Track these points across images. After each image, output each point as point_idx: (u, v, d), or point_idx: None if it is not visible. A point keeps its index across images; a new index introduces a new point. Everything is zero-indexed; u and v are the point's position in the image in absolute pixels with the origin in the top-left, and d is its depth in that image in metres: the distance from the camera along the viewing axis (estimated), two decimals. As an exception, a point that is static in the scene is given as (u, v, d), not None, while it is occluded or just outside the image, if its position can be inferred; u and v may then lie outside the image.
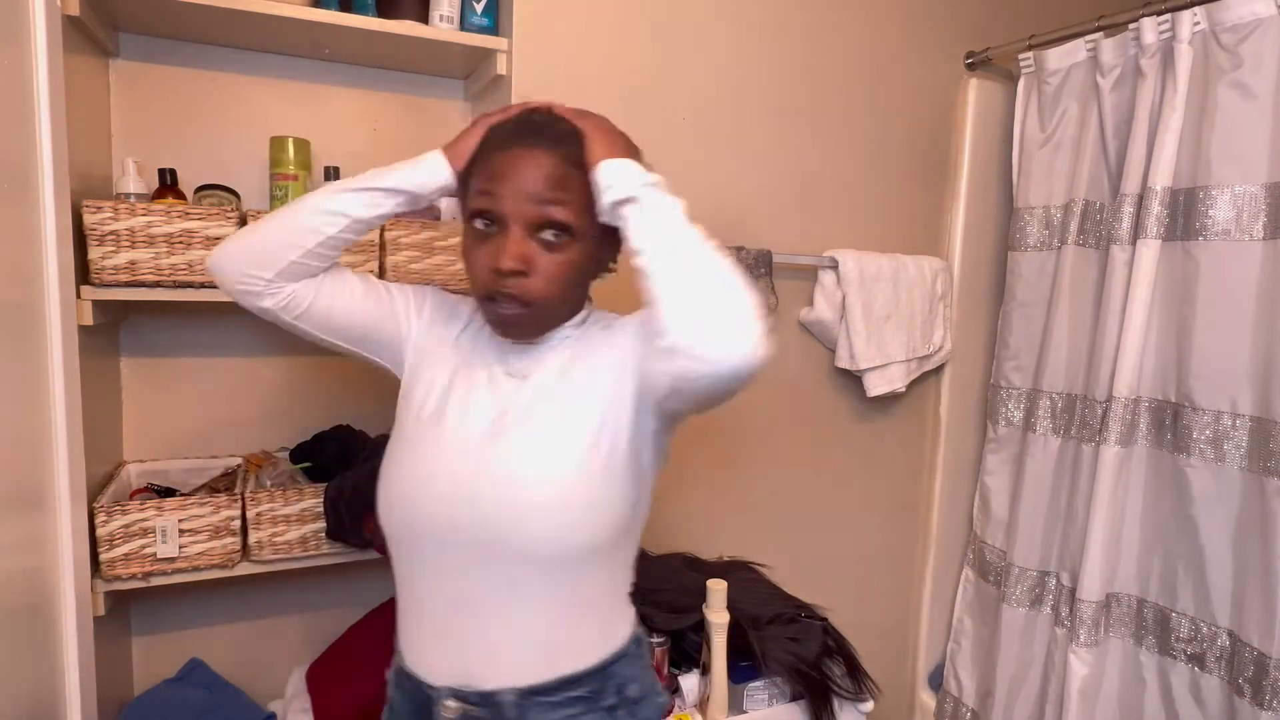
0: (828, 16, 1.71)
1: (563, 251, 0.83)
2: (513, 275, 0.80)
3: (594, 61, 1.48)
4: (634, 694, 0.89)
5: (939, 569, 2.02)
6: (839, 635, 1.53)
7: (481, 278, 0.83)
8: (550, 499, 0.81)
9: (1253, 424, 1.39)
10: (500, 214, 0.81)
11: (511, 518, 0.81)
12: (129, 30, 1.35)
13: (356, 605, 1.59)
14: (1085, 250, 1.66)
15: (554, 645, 0.85)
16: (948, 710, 1.96)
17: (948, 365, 1.94)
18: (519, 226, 0.81)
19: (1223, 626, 1.45)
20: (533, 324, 0.86)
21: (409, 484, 0.86)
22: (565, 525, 0.81)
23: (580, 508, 0.82)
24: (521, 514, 0.81)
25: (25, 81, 0.96)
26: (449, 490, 0.83)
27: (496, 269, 0.80)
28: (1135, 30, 1.53)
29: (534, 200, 0.80)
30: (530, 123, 0.84)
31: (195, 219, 1.19)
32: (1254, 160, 1.38)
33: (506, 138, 0.84)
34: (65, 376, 1.04)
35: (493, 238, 0.82)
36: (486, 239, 0.82)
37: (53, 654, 1.06)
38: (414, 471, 0.86)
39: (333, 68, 1.49)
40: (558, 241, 0.82)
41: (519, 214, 0.81)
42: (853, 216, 1.81)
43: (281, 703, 1.47)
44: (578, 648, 0.86)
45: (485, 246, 0.82)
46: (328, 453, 1.40)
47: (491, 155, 0.83)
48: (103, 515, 1.18)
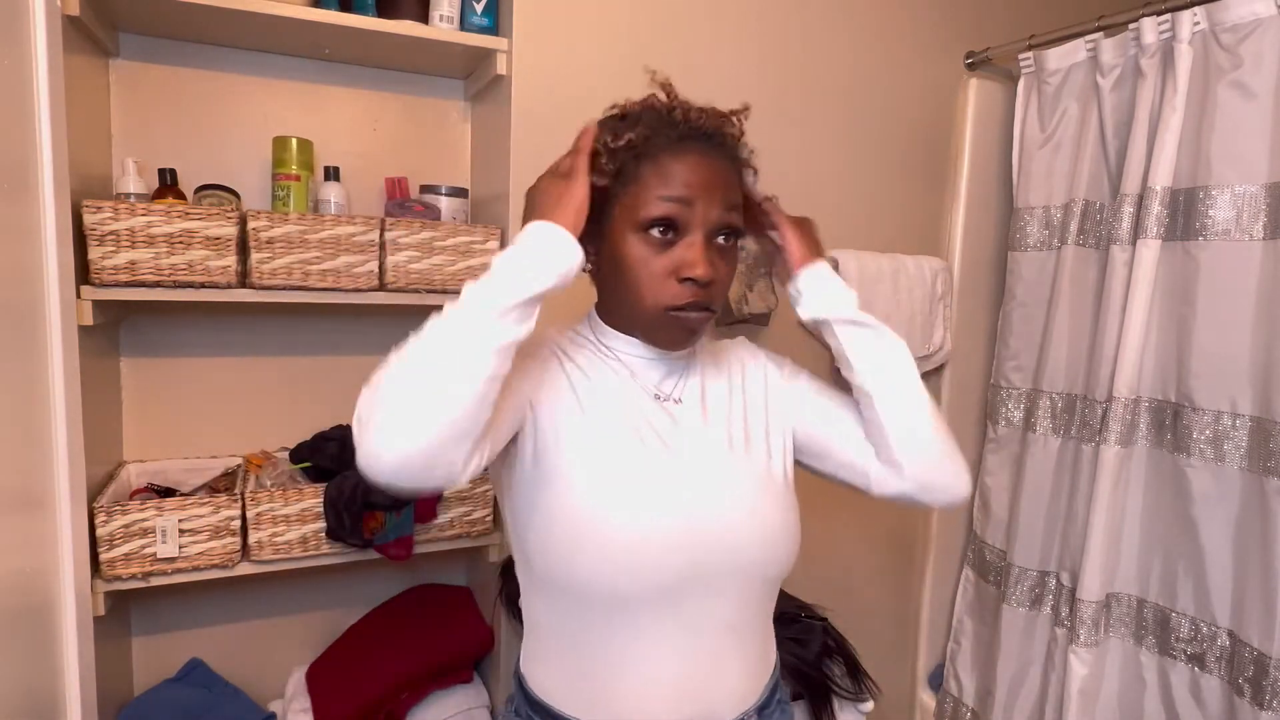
0: (828, 17, 1.70)
1: (732, 255, 0.83)
2: (707, 284, 0.78)
3: (594, 62, 1.48)
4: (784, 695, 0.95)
5: (939, 569, 2.02)
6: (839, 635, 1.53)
7: (667, 289, 0.78)
8: (781, 520, 0.84)
9: (1253, 424, 1.39)
10: (686, 221, 0.78)
11: (754, 544, 0.81)
12: (129, 30, 1.35)
13: (356, 605, 1.59)
14: (1085, 250, 1.66)
15: (765, 658, 0.89)
16: (948, 710, 1.96)
17: (948, 365, 1.94)
18: (702, 233, 0.78)
19: (1223, 626, 1.45)
20: (698, 334, 0.83)
21: (630, 535, 0.76)
22: (789, 543, 0.84)
23: (792, 526, 0.85)
24: (762, 539, 0.82)
25: (25, 81, 0.96)
26: (684, 532, 0.78)
27: (693, 278, 0.77)
28: (1135, 30, 1.53)
29: (722, 206, 0.79)
30: (696, 126, 0.81)
31: (195, 219, 1.19)
32: (1254, 160, 1.38)
33: (674, 142, 0.79)
34: (65, 376, 1.04)
35: (673, 246, 0.78)
36: (666, 247, 0.78)
37: (53, 654, 1.06)
38: (633, 524, 0.77)
39: (333, 68, 1.49)
40: (728, 245, 0.82)
41: (707, 220, 0.78)
42: (853, 216, 1.81)
43: (281, 703, 1.48)
44: (768, 663, 0.90)
45: (664, 255, 0.78)
46: (328, 453, 1.40)
47: (662, 161, 0.78)
48: (103, 515, 1.18)
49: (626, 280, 0.79)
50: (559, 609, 0.81)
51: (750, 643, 0.85)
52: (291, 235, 1.25)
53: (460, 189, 1.51)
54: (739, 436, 0.86)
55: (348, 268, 1.30)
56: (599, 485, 0.78)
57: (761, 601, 0.86)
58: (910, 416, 0.85)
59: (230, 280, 1.23)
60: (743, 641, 0.84)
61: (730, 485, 0.83)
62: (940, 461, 0.86)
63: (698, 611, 0.79)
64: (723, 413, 0.87)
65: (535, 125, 1.41)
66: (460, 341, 0.66)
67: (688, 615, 0.78)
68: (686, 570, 0.77)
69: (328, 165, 1.43)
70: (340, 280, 1.30)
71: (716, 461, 0.83)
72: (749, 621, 0.84)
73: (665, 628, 0.78)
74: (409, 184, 1.52)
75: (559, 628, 0.82)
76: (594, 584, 0.76)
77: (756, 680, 0.86)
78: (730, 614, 0.81)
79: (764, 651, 0.89)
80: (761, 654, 0.88)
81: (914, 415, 0.85)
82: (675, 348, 0.85)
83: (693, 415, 0.85)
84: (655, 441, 0.81)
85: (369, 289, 1.31)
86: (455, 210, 1.49)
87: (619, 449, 0.80)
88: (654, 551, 0.76)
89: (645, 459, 0.80)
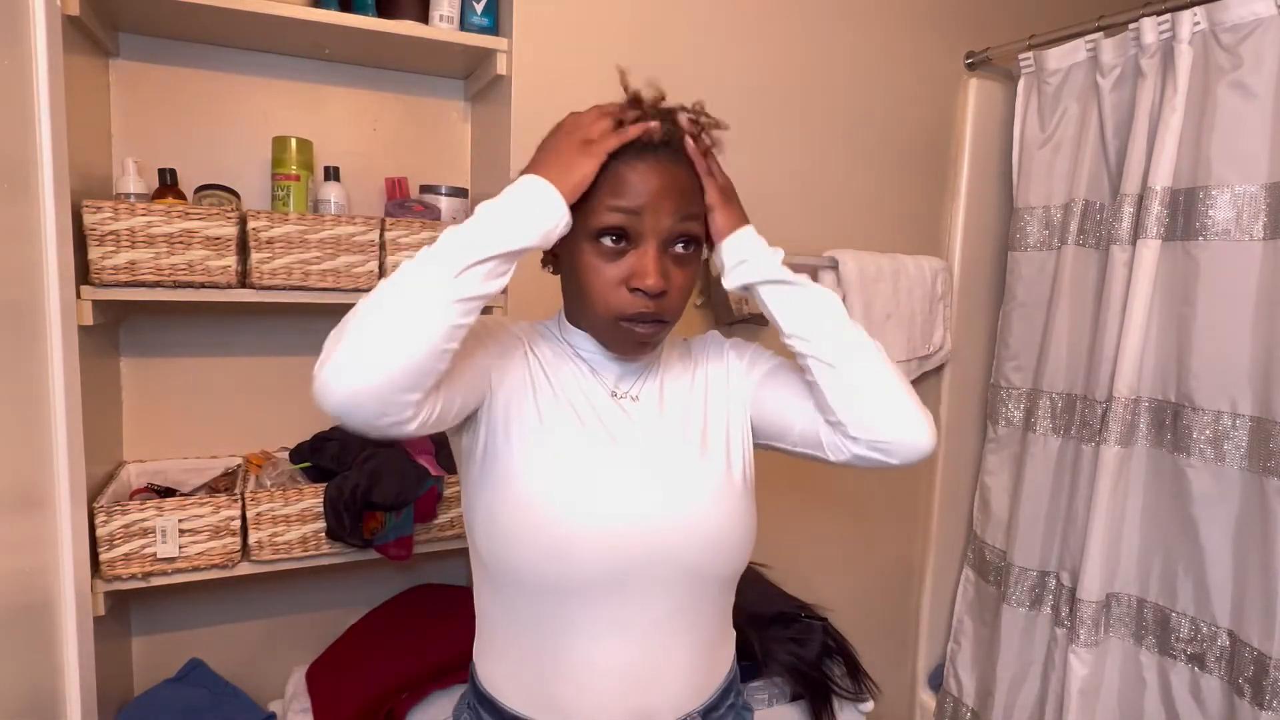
0: (828, 17, 1.70)
1: (691, 264, 0.80)
2: (658, 295, 0.77)
3: (594, 62, 1.48)
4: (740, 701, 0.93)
5: (939, 569, 2.02)
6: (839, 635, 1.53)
7: (618, 299, 0.77)
8: (727, 520, 0.82)
9: (1253, 424, 1.39)
10: (637, 231, 0.76)
11: (697, 542, 0.79)
12: (129, 30, 1.35)
13: (356, 605, 1.59)
14: (1085, 250, 1.66)
15: (709, 663, 0.86)
16: (948, 710, 1.96)
17: (948, 365, 1.94)
18: (656, 242, 0.77)
19: (1223, 626, 1.45)
20: (652, 345, 0.83)
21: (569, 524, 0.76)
22: (739, 545, 0.83)
23: (744, 528, 0.84)
24: (707, 538, 0.80)
25: (25, 81, 0.96)
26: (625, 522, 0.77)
27: (643, 289, 0.76)
28: (1135, 30, 1.53)
29: (675, 216, 0.77)
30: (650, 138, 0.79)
31: (195, 219, 1.19)
32: (1254, 160, 1.38)
33: (629, 151, 0.77)
34: (65, 376, 1.04)
35: (624, 255, 0.77)
36: (617, 256, 0.77)
37: (53, 654, 1.06)
38: (570, 512, 0.77)
39: (333, 68, 1.49)
40: (687, 254, 0.79)
41: (658, 230, 0.76)
42: (853, 216, 1.81)
43: (281, 703, 1.47)
44: (721, 663, 0.88)
45: (616, 265, 0.77)
46: (328, 453, 1.40)
47: (619, 169, 0.76)
48: (103, 515, 1.18)
49: (581, 286, 0.79)
50: (504, 600, 0.81)
51: (700, 642, 0.83)
52: (291, 235, 1.25)
53: (460, 189, 1.51)
54: (694, 436, 0.84)
55: (348, 268, 1.30)
56: (542, 475, 0.78)
57: (710, 601, 0.84)
58: (847, 372, 0.80)
59: (230, 280, 1.23)
60: (691, 640, 0.82)
61: (676, 483, 0.81)
62: (888, 415, 0.79)
63: (639, 607, 0.78)
64: (680, 412, 0.86)
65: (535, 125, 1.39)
66: (426, 287, 0.67)
67: (629, 610, 0.78)
68: (624, 564, 0.77)
69: (327, 165, 1.43)
70: (340, 280, 1.30)
71: (665, 459, 0.82)
72: (697, 621, 0.82)
73: (604, 621, 0.77)
74: (409, 184, 1.52)
75: (504, 619, 0.82)
76: (533, 574, 0.76)
77: (705, 679, 0.85)
78: (672, 611, 0.80)
79: (716, 652, 0.87)
80: (713, 654, 0.86)
81: (851, 370, 0.80)
82: (627, 356, 0.84)
83: (648, 413, 0.85)
84: (604, 436, 0.81)
85: (369, 289, 1.30)
86: (455, 210, 1.49)
87: (565, 441, 0.80)
88: (589, 544, 0.76)
89: (590, 452, 0.80)
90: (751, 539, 0.85)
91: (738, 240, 0.83)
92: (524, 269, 0.75)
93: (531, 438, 0.79)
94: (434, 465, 1.41)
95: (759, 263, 0.83)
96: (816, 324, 0.81)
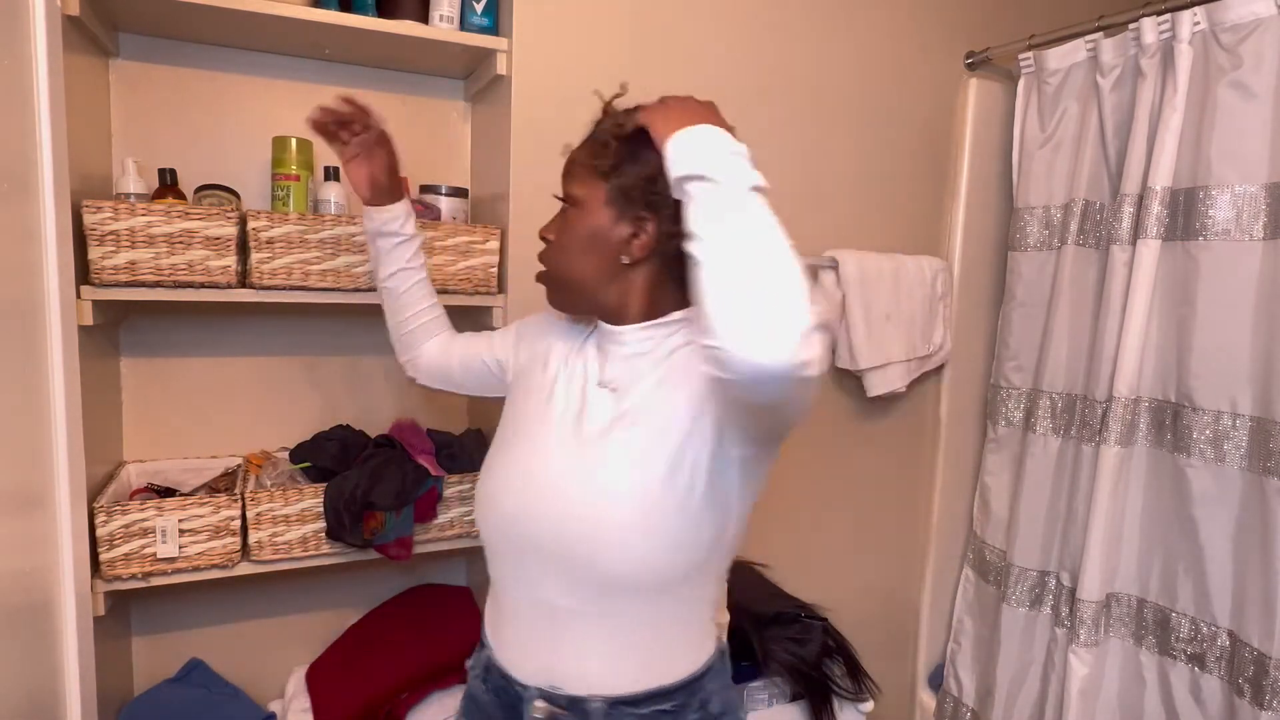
0: (828, 17, 1.70)
1: (565, 218, 0.89)
2: (546, 243, 0.91)
3: (594, 62, 1.48)
4: (715, 709, 0.89)
5: (939, 569, 2.02)
6: (839, 635, 1.53)
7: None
8: (630, 528, 0.79)
9: (1253, 424, 1.39)
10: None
11: (568, 542, 0.81)
12: (129, 30, 1.35)
13: (356, 605, 1.59)
14: (1085, 250, 1.66)
15: (644, 659, 0.85)
16: (948, 710, 1.96)
17: (948, 365, 1.94)
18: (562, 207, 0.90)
19: (1223, 626, 1.45)
20: (556, 294, 0.92)
21: (495, 484, 0.90)
22: (637, 556, 0.79)
23: (651, 539, 0.79)
24: (596, 539, 0.79)
25: (25, 81, 0.96)
26: (527, 498, 0.85)
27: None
28: (1135, 30, 1.53)
29: (565, 180, 0.89)
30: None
31: (195, 219, 1.19)
32: (1254, 160, 1.38)
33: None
34: (65, 376, 1.04)
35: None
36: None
37: (53, 654, 1.06)
38: (502, 473, 0.90)
39: (333, 68, 1.49)
40: (564, 210, 0.89)
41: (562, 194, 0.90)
42: (853, 216, 1.80)
43: (281, 703, 1.47)
44: (666, 662, 0.86)
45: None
46: (328, 453, 1.40)
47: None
48: (103, 515, 1.18)
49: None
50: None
51: (622, 643, 0.83)
52: (291, 235, 1.25)
53: (460, 189, 1.51)
54: (638, 437, 0.81)
55: (348, 268, 1.30)
56: (493, 449, 0.93)
57: (630, 605, 0.82)
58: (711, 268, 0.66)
59: (230, 280, 1.23)
60: (605, 635, 0.83)
61: (587, 478, 0.82)
62: (722, 313, 0.64)
63: (539, 585, 0.84)
64: (640, 412, 0.83)
65: (535, 125, 1.41)
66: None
67: (530, 585, 0.85)
68: (519, 543, 0.85)
69: (327, 165, 1.43)
70: (340, 280, 1.30)
71: (561, 454, 0.85)
72: (615, 621, 0.82)
73: (517, 588, 0.87)
74: (409, 184, 1.51)
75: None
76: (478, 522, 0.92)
77: (626, 679, 0.84)
78: (569, 599, 0.82)
79: (646, 657, 0.85)
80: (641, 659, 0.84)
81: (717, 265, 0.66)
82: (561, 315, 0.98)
83: (608, 408, 0.86)
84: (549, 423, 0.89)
85: (369, 289, 1.31)
86: (455, 210, 1.49)
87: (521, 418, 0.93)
88: (482, 519, 0.90)
89: (521, 435, 0.90)
90: (657, 550, 0.79)
91: (673, 143, 0.74)
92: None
93: (510, 415, 0.96)
94: (434, 465, 1.41)
95: (683, 161, 0.72)
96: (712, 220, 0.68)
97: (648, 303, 0.87)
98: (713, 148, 0.72)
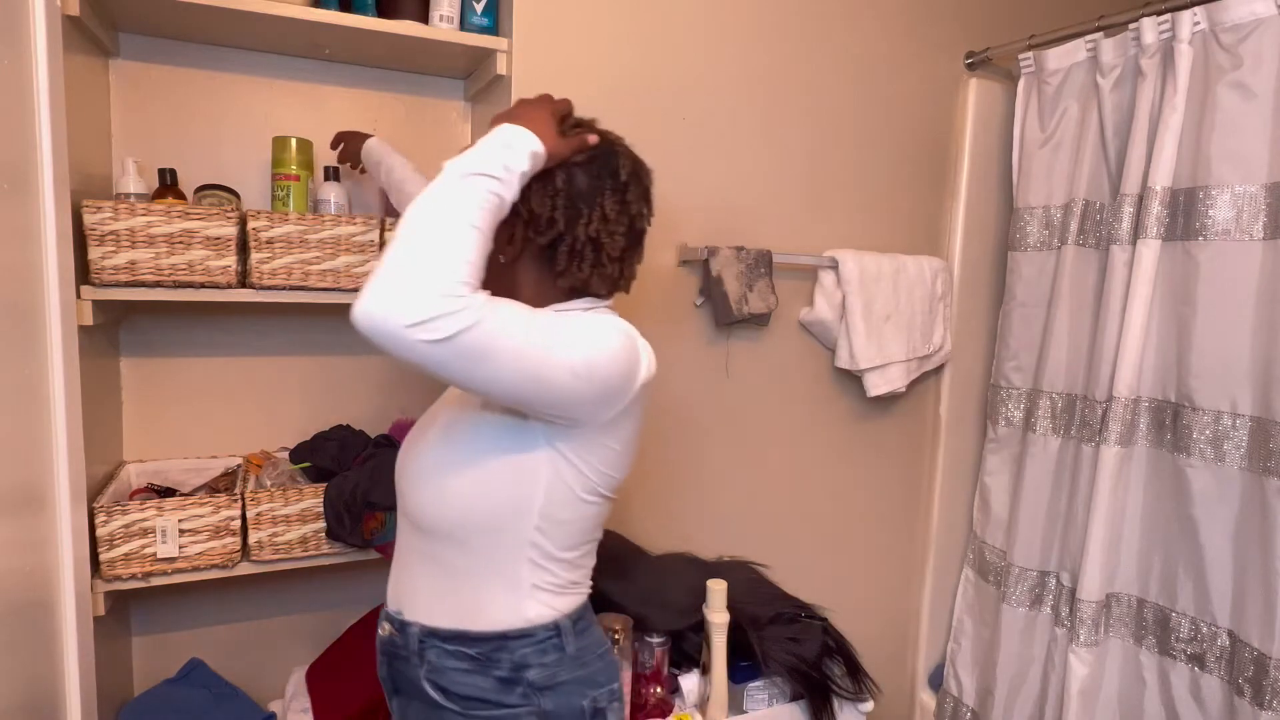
0: (828, 17, 1.71)
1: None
2: None
3: (594, 62, 1.48)
4: (536, 679, 0.93)
5: (939, 569, 2.02)
6: (839, 635, 1.53)
7: None
8: (429, 472, 0.92)
9: (1253, 424, 1.39)
10: None
11: (406, 482, 0.96)
12: (129, 30, 1.35)
13: (356, 605, 1.59)
14: (1085, 250, 1.66)
15: (454, 602, 0.94)
16: (948, 710, 1.96)
17: (948, 365, 1.94)
18: None
19: (1223, 626, 1.45)
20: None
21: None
22: (437, 500, 0.91)
23: (452, 487, 0.90)
24: (410, 481, 0.95)
25: (25, 81, 0.96)
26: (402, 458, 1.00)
27: None
28: (1135, 30, 1.53)
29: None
30: None
31: (195, 219, 1.19)
32: (1254, 160, 1.38)
33: None
34: (65, 376, 1.04)
35: None
36: None
37: (53, 654, 1.06)
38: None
39: (333, 68, 1.49)
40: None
41: None
42: (853, 216, 1.81)
43: (281, 703, 1.47)
44: (474, 611, 0.93)
45: None
46: (328, 453, 1.40)
47: None
48: (103, 515, 1.18)
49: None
50: None
51: (438, 579, 0.94)
52: (291, 235, 1.25)
53: (460, 189, 1.50)
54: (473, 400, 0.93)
55: (348, 268, 1.30)
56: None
57: (432, 541, 0.93)
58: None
59: (230, 280, 1.23)
60: (428, 573, 0.95)
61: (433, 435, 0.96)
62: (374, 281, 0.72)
63: (400, 529, 1.00)
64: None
65: (535, 125, 1.41)
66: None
67: (400, 529, 1.00)
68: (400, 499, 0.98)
69: (327, 165, 1.43)
70: (340, 280, 1.30)
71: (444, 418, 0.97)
72: (426, 554, 0.95)
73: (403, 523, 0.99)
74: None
75: None
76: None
77: (438, 610, 0.94)
78: (408, 537, 0.98)
79: (456, 598, 0.93)
80: (450, 598, 0.93)
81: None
82: None
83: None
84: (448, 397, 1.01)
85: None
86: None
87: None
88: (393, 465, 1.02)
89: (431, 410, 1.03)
90: (463, 505, 0.90)
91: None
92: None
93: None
94: (434, 465, 1.41)
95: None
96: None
97: (532, 295, 0.93)
98: (484, 143, 0.86)
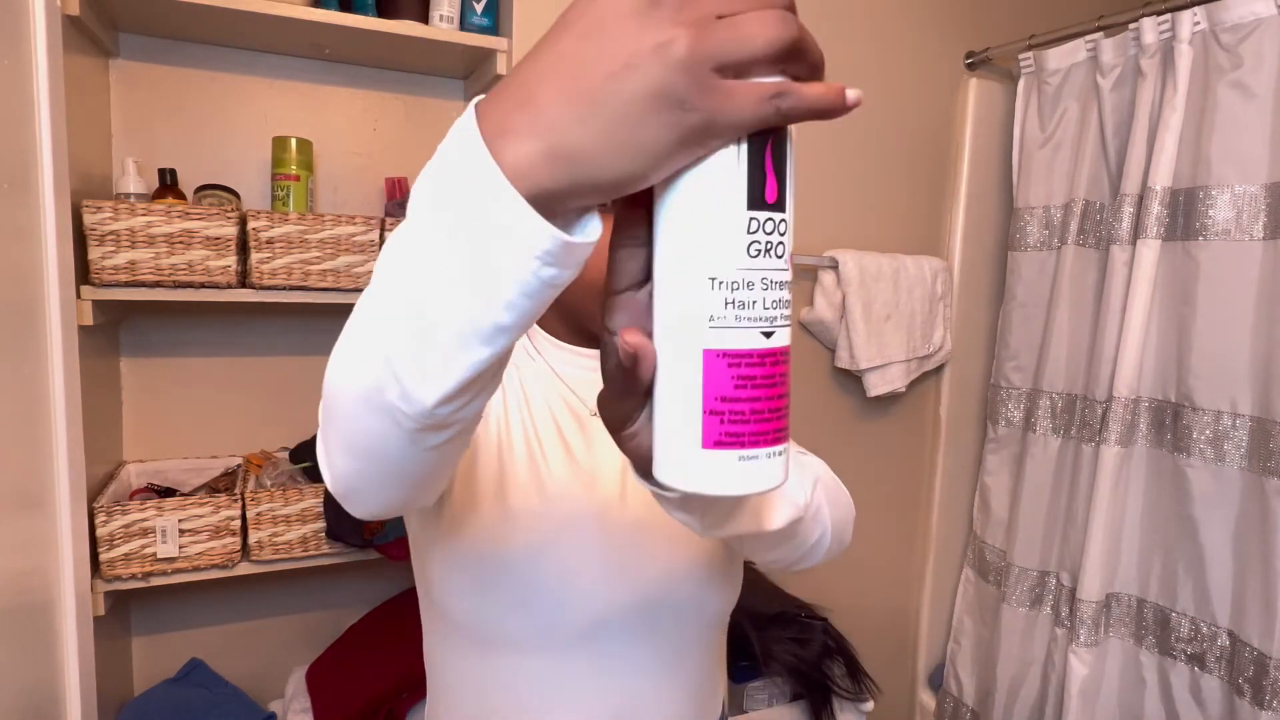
0: (828, 17, 1.71)
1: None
2: None
3: (594, 61, 1.47)
4: None
5: (939, 569, 2.02)
6: (839, 635, 1.53)
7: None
8: (712, 556, 0.72)
9: (1253, 424, 1.39)
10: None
11: (685, 577, 0.70)
12: (129, 30, 1.35)
13: (356, 605, 1.59)
14: (1085, 250, 1.66)
15: (703, 706, 0.77)
16: (948, 710, 1.96)
17: (948, 365, 1.94)
18: None
19: (1223, 626, 1.45)
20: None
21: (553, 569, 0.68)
22: (728, 579, 0.74)
23: (725, 560, 0.73)
24: (694, 573, 0.71)
25: (25, 81, 0.96)
26: (606, 562, 0.68)
27: None
28: (1135, 30, 1.53)
29: None
30: None
31: (195, 219, 1.19)
32: (1254, 160, 1.38)
33: None
34: (65, 376, 1.04)
35: None
36: None
37: (53, 654, 1.06)
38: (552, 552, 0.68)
39: (333, 68, 1.49)
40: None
41: None
42: (853, 216, 1.81)
43: (281, 703, 1.47)
44: (717, 697, 0.80)
45: None
46: (328, 453, 1.40)
47: None
48: (103, 515, 1.18)
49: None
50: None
51: (692, 685, 0.77)
52: (291, 235, 1.25)
53: (460, 189, 1.50)
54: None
55: (348, 268, 1.30)
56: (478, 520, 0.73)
57: (703, 645, 0.77)
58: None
59: (230, 280, 1.23)
60: (683, 685, 0.76)
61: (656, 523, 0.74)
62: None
63: (621, 662, 0.73)
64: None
65: (535, 125, 1.41)
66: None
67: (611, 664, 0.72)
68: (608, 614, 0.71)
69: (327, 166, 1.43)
70: (340, 280, 1.30)
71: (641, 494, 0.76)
72: (691, 664, 0.77)
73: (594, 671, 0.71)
74: (409, 184, 1.52)
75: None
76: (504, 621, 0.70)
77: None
78: (666, 658, 0.75)
79: (709, 699, 0.78)
80: (699, 701, 0.76)
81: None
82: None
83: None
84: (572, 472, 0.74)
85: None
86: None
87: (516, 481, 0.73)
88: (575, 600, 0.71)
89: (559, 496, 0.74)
90: (738, 575, 0.77)
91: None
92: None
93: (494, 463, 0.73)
94: (434, 465, 1.41)
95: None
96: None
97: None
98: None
